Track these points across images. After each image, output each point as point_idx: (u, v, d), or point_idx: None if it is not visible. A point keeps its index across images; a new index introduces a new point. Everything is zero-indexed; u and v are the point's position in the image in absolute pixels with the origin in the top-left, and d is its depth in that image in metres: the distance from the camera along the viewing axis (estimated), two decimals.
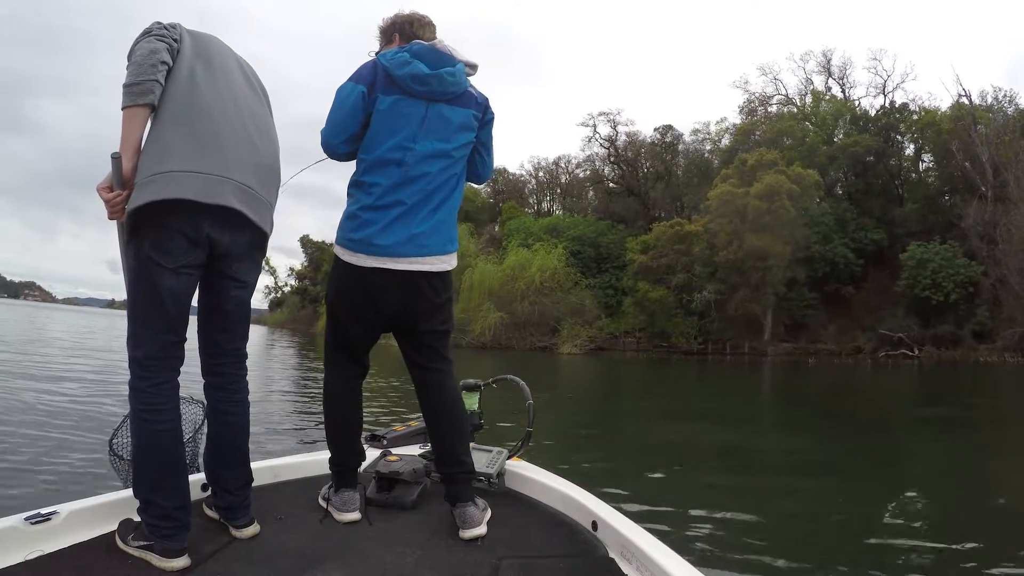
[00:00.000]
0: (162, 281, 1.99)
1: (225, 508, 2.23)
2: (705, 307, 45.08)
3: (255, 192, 2.15)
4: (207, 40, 2.25)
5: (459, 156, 2.47)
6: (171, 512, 1.97)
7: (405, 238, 2.36)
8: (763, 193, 42.14)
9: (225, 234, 2.08)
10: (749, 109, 61.53)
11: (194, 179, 1.97)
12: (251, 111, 2.26)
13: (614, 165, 67.53)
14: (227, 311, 2.25)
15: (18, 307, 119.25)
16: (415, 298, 2.42)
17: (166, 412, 2.03)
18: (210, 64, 2.19)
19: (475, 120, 2.49)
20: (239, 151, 2.12)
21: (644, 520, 4.45)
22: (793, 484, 6.43)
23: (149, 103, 1.98)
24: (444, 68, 2.40)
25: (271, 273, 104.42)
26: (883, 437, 9.86)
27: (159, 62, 2.00)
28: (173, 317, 2.04)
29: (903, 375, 28.09)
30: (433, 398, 2.53)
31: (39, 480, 5.11)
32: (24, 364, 14.34)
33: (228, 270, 2.18)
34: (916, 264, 40.84)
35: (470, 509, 2.32)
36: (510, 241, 53.58)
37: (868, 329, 42.82)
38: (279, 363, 22.67)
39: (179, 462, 2.07)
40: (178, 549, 1.95)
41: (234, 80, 2.25)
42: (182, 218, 1.98)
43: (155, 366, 2.03)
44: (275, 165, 2.34)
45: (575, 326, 45.58)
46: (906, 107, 53.80)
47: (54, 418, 7.86)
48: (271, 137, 2.35)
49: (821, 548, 4.48)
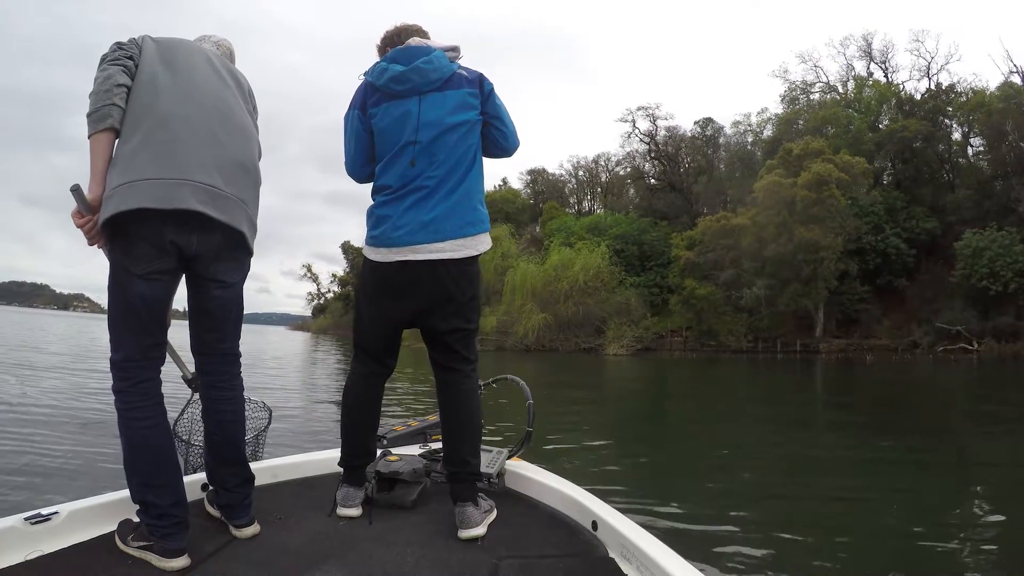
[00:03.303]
0: (133, 287, 2.06)
1: (225, 506, 2.29)
2: (754, 303, 43.91)
3: (220, 190, 2.16)
4: (174, 44, 2.31)
5: (464, 133, 2.48)
6: (167, 510, 2.02)
7: (418, 225, 2.40)
8: (811, 182, 40.91)
9: (192, 237, 2.11)
10: (791, 98, 60.19)
11: (150, 186, 2.02)
12: (218, 109, 2.28)
13: (654, 161, 66.80)
14: (211, 311, 2.29)
15: (69, 318, 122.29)
16: (436, 293, 2.44)
17: (149, 409, 2.10)
18: (173, 66, 2.23)
19: (471, 98, 2.50)
20: (200, 151, 2.15)
21: (669, 522, 4.46)
22: (842, 485, 6.24)
23: (109, 127, 2.06)
24: (419, 59, 2.46)
25: (313, 280, 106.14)
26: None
27: (114, 86, 2.08)
28: (147, 321, 2.11)
29: (965, 371, 27.17)
30: (448, 397, 2.55)
31: (39, 480, 5.15)
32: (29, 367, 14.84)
33: (205, 272, 2.22)
34: (972, 253, 39.13)
35: (469, 509, 2.34)
36: (552, 241, 53.13)
37: (924, 323, 41.37)
38: (322, 368, 22.96)
39: (170, 458, 2.14)
40: (177, 549, 1.99)
41: (198, 78, 2.27)
42: (144, 226, 2.03)
43: (134, 368, 2.10)
44: (247, 160, 2.34)
45: (621, 326, 44.91)
46: (953, 88, 52.09)
47: (56, 418, 8.03)
48: (244, 133, 2.36)
49: (826, 550, 4.34)
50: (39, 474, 5.33)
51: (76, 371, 14.64)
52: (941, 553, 4.22)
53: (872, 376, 24.57)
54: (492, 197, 73.46)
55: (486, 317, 46.13)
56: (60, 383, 11.87)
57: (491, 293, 49.70)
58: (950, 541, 4.47)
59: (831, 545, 4.35)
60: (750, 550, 4.16)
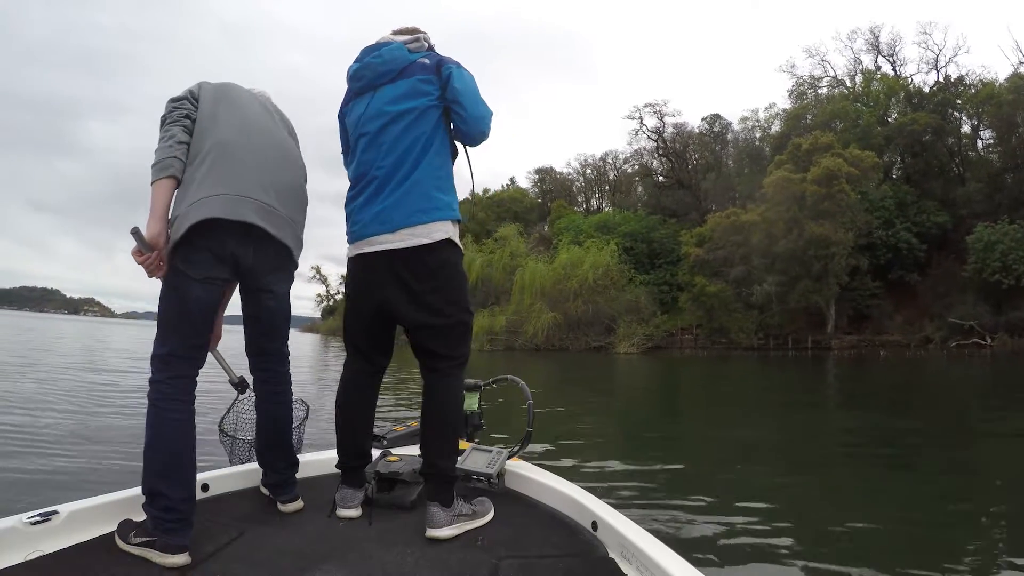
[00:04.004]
0: (190, 290, 2.26)
1: (273, 485, 2.58)
2: (765, 300, 43.55)
3: (275, 209, 2.41)
4: (227, 86, 2.60)
5: (412, 121, 2.45)
6: (176, 504, 2.09)
7: (371, 217, 2.43)
8: (821, 177, 40.60)
9: (249, 249, 2.36)
10: (798, 93, 60.13)
11: (217, 200, 2.25)
12: (270, 140, 2.56)
13: (662, 158, 66.78)
14: (262, 318, 2.55)
15: (80, 322, 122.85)
16: (393, 285, 2.44)
17: (180, 403, 2.23)
18: (229, 102, 2.51)
19: (424, 84, 2.47)
20: (258, 174, 2.41)
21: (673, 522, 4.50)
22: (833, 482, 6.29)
23: (170, 175, 2.29)
24: (370, 56, 2.54)
25: (322, 281, 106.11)
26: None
27: (176, 143, 2.33)
28: (198, 322, 2.30)
29: (981, 366, 26.91)
30: (425, 396, 2.53)
31: (39, 480, 5.16)
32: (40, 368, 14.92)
33: (257, 284, 2.47)
34: (984, 247, 38.76)
35: (434, 509, 2.32)
36: (560, 240, 53.05)
37: (936, 318, 41.06)
38: (334, 371, 22.56)
39: (189, 455, 2.22)
40: (179, 545, 2.04)
41: (251, 113, 2.56)
42: (209, 236, 2.25)
43: (177, 363, 2.25)
44: (296, 185, 2.62)
45: (631, 324, 44.68)
46: (962, 80, 51.77)
47: (58, 419, 8.04)
48: (293, 161, 2.66)
49: (827, 550, 4.31)
50: (39, 474, 5.35)
51: (83, 372, 14.67)
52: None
53: (889, 373, 24.32)
54: (500, 196, 73.65)
55: (495, 317, 46.15)
56: (71, 384, 11.87)
57: (500, 293, 49.68)
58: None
59: (831, 545, 4.35)
60: (751, 550, 4.16)
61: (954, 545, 4.35)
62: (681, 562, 1.83)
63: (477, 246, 53.83)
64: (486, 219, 65.63)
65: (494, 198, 74.57)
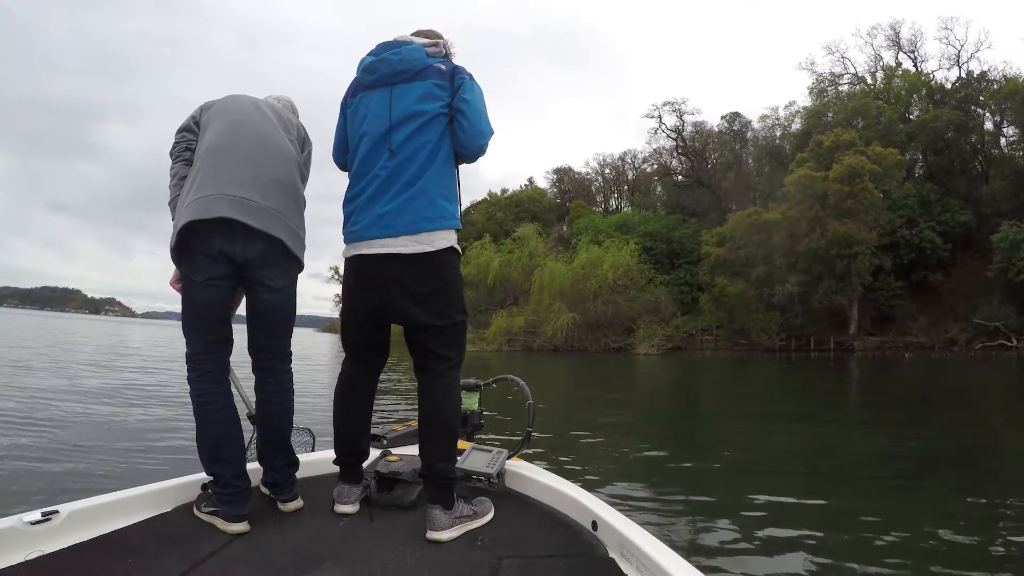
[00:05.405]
0: (197, 293, 2.44)
1: (272, 484, 2.59)
2: (787, 301, 43.06)
3: (253, 202, 2.43)
4: (228, 99, 2.73)
5: (422, 124, 2.44)
6: (230, 480, 2.35)
7: (373, 219, 2.42)
8: (844, 175, 40.19)
9: (236, 245, 2.41)
10: (819, 90, 59.53)
11: (195, 204, 2.37)
12: (256, 137, 2.60)
13: (681, 157, 66.45)
14: (261, 313, 2.59)
15: (101, 322, 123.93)
16: (392, 289, 2.43)
17: (215, 395, 2.43)
18: (218, 111, 2.65)
19: (438, 89, 2.47)
20: (237, 171, 2.46)
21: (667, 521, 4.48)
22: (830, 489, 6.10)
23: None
24: (388, 51, 2.53)
25: (340, 282, 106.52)
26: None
27: (180, 179, 2.56)
28: (210, 321, 2.46)
29: (1007, 369, 26.50)
30: (421, 397, 2.54)
31: (39, 480, 5.17)
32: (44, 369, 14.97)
33: (254, 277, 2.52)
34: (1009, 246, 38.09)
35: (435, 512, 2.34)
36: (579, 240, 52.76)
37: (960, 319, 40.58)
38: None
39: (231, 437, 2.43)
40: (238, 515, 2.31)
41: (242, 116, 2.64)
42: (196, 239, 2.39)
43: (202, 359, 2.45)
44: (283, 178, 2.61)
45: (651, 325, 44.48)
46: (984, 76, 51.04)
47: (60, 419, 8.06)
48: (282, 156, 2.65)
49: (827, 550, 4.26)
50: (40, 474, 5.34)
51: (90, 373, 14.69)
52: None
53: (917, 376, 23.99)
54: (518, 197, 73.70)
55: (513, 317, 46.09)
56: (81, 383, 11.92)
57: (519, 293, 49.59)
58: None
59: (831, 545, 4.34)
60: (751, 550, 4.15)
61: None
62: (681, 562, 1.84)
63: (495, 246, 53.89)
64: (504, 219, 65.62)
65: (512, 198, 74.64)
